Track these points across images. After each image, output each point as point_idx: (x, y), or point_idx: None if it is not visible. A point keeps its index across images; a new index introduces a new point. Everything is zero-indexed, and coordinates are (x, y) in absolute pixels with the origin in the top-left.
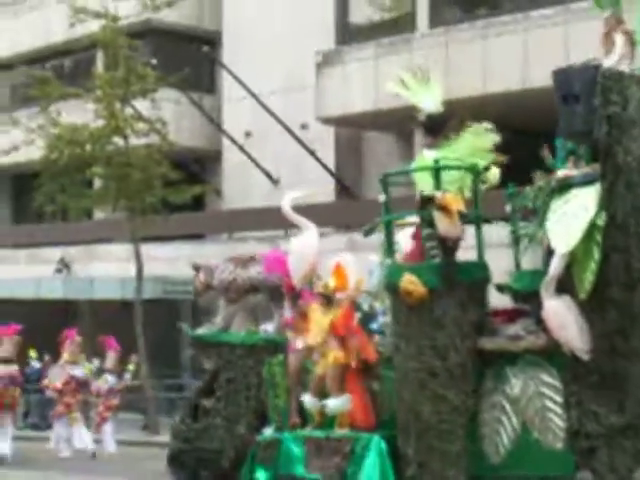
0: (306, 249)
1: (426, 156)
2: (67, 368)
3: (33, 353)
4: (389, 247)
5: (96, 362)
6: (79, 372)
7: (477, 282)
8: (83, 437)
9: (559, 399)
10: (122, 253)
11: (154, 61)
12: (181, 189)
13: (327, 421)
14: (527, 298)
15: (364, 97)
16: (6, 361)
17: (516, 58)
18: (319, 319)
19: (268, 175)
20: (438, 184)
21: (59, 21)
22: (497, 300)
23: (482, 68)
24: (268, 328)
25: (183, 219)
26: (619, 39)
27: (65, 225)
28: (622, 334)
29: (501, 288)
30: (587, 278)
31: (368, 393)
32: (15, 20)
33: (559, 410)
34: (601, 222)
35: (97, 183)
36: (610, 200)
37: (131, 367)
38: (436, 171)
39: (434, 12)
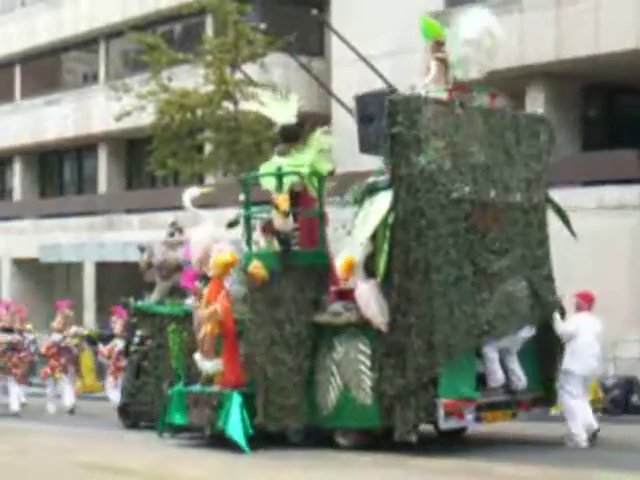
0: (201, 237)
1: (273, 163)
2: (52, 336)
3: (29, 325)
4: (247, 238)
5: (73, 328)
6: (58, 339)
7: (314, 267)
8: (65, 395)
9: (369, 363)
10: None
11: (263, 25)
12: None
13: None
14: None
15: None
16: (6, 330)
17: (632, 16)
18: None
19: None
20: (279, 187)
21: None
22: None
23: (594, 27)
24: (189, 302)
25: None
26: (432, 65)
27: (177, 190)
28: (401, 313)
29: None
30: (380, 265)
31: (239, 356)
32: None
33: (369, 373)
34: (391, 220)
35: (208, 148)
36: (396, 203)
37: (139, 332)
38: (278, 176)
39: None
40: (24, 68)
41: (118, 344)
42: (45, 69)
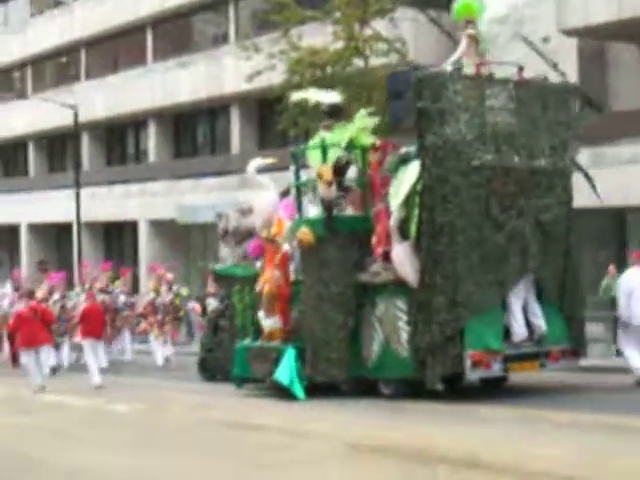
0: (263, 205)
1: (319, 137)
2: (148, 295)
3: (117, 283)
4: (298, 206)
5: (165, 287)
6: (152, 298)
7: (356, 231)
8: (158, 350)
9: (406, 319)
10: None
11: None
12: None
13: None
14: None
15: (607, 7)
16: (102, 291)
17: None
18: (269, 257)
19: None
20: (324, 158)
21: None
22: None
23: None
24: (259, 264)
25: None
26: (463, 41)
27: None
28: (429, 272)
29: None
30: (411, 229)
31: (296, 313)
32: None
33: (406, 327)
34: (419, 187)
35: None
36: (423, 171)
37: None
38: (322, 149)
39: None
40: (155, 31)
41: (212, 303)
42: (175, 31)
